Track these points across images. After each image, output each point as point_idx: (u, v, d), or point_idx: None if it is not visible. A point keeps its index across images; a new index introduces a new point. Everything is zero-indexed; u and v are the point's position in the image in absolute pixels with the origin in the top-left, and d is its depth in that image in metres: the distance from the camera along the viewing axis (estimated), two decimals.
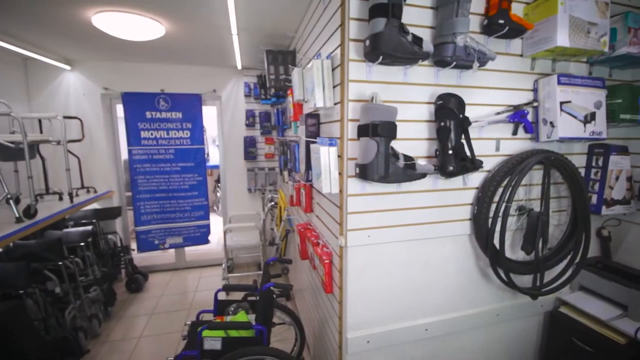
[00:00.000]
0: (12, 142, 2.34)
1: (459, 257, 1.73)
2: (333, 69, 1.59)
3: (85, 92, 3.57)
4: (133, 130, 3.68)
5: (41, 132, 3.26)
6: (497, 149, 1.69)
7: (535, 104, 1.68)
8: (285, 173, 3.26)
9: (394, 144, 1.38)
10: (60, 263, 2.49)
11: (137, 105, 3.65)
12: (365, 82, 1.42)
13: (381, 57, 1.30)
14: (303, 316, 2.63)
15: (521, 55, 1.65)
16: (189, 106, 3.83)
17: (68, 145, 2.97)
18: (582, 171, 1.87)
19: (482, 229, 1.62)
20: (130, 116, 3.64)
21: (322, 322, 2.04)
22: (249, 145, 4.10)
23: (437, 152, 1.52)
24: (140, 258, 4.07)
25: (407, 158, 1.39)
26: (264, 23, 2.47)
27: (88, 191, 3.38)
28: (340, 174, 1.53)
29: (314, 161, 1.70)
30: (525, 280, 1.79)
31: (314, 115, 1.92)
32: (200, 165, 3.97)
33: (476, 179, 1.67)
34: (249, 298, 2.28)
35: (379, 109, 1.30)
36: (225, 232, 3.78)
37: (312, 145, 1.72)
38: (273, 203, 4.03)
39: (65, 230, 3.00)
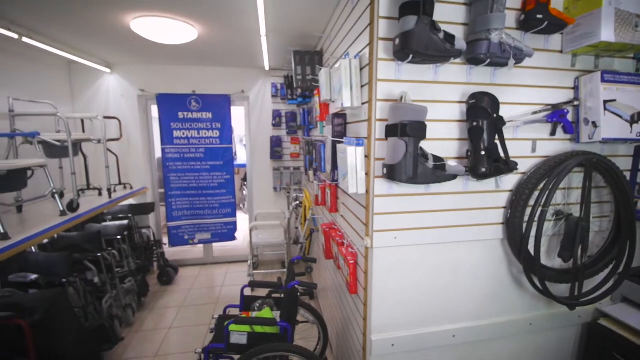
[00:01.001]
0: (58, 141, 2.52)
1: (490, 263, 1.67)
2: (361, 69, 1.58)
3: (123, 94, 3.77)
4: (166, 130, 3.84)
5: (83, 131, 3.48)
6: (534, 150, 1.61)
7: (575, 103, 1.59)
8: (311, 172, 3.28)
9: (423, 144, 1.35)
10: (99, 254, 2.66)
11: (171, 105, 3.82)
12: (394, 81, 1.41)
13: (411, 56, 1.28)
14: (326, 315, 2.64)
15: (561, 52, 1.57)
16: (219, 106, 3.95)
17: (107, 144, 3.16)
18: (627, 175, 1.74)
19: (515, 234, 1.55)
20: (164, 116, 3.81)
21: (346, 322, 2.03)
22: (275, 144, 4.16)
23: (469, 153, 1.47)
24: (171, 252, 4.24)
25: (437, 159, 1.36)
26: (292, 24, 2.50)
27: (124, 187, 3.57)
28: (367, 174, 1.52)
29: (340, 161, 1.70)
30: (561, 290, 1.69)
31: (341, 115, 1.92)
32: (229, 164, 4.08)
33: (510, 181, 1.60)
34: (273, 295, 2.31)
35: (408, 109, 1.28)
36: (251, 230, 3.87)
37: (338, 145, 1.72)
38: (298, 202, 4.07)
39: (104, 223, 3.19)
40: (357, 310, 1.74)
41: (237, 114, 4.34)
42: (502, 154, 1.44)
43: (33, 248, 2.47)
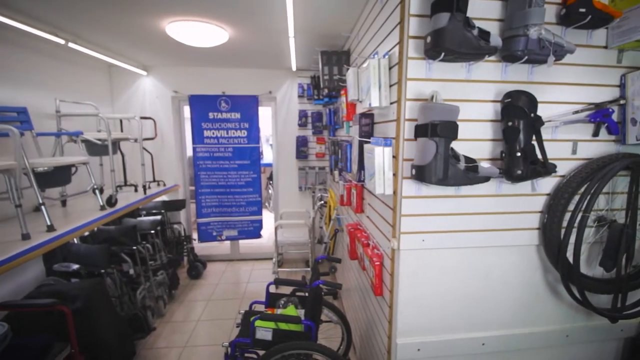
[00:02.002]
0: (99, 140, 2.68)
1: (524, 269, 1.59)
2: (390, 68, 1.56)
3: (158, 95, 3.95)
4: (197, 130, 3.99)
5: (122, 130, 3.68)
6: (574, 151, 1.53)
7: (622, 102, 1.48)
8: (336, 172, 3.27)
9: (454, 144, 1.32)
10: (135, 248, 2.80)
11: (202, 106, 3.95)
12: (424, 80, 1.38)
13: (443, 54, 1.24)
14: (349, 316, 2.63)
15: (605, 47, 1.47)
16: (247, 107, 4.04)
17: (143, 143, 3.32)
18: None
19: (553, 240, 1.47)
20: (195, 116, 3.96)
21: (370, 324, 2.02)
22: (301, 144, 4.20)
23: (503, 154, 1.41)
24: (200, 247, 4.39)
25: (469, 160, 1.32)
26: (320, 25, 2.51)
27: (158, 184, 3.74)
28: (394, 174, 1.50)
29: (367, 161, 1.69)
30: (602, 300, 1.59)
31: (368, 115, 1.91)
32: (256, 163, 4.17)
33: (547, 184, 1.52)
34: (298, 293, 2.33)
35: (439, 108, 1.25)
36: (276, 228, 3.93)
37: (365, 145, 1.71)
38: (322, 202, 4.08)
39: (139, 218, 3.35)
40: (382, 313, 1.72)
41: (264, 114, 4.42)
42: (539, 156, 1.37)
43: (75, 240, 2.65)
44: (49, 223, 1.98)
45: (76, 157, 2.34)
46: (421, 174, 1.28)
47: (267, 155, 6.71)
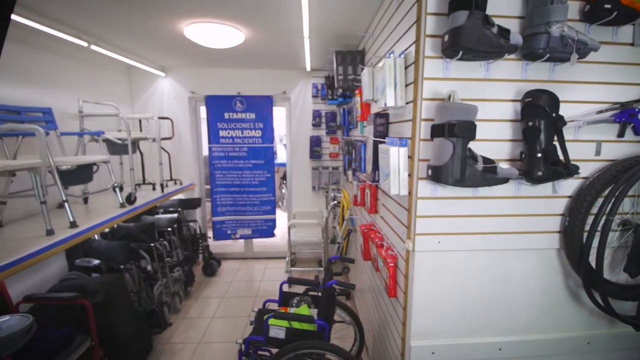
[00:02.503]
0: (119, 139, 2.76)
1: (544, 273, 1.55)
2: (406, 67, 1.54)
3: (175, 96, 4.04)
4: (213, 130, 4.05)
5: (141, 130, 3.78)
6: (598, 152, 1.47)
7: None
8: (349, 172, 3.26)
9: (472, 145, 1.29)
10: (152, 244, 2.87)
11: (217, 106, 4.01)
12: (441, 79, 1.36)
13: (461, 53, 1.22)
14: (362, 317, 2.62)
15: (632, 44, 1.41)
16: (261, 107, 4.08)
17: (161, 143, 3.40)
18: None
19: (574, 244, 1.43)
20: (211, 116, 4.02)
21: (383, 326, 2.00)
22: (315, 144, 4.21)
23: (523, 155, 1.38)
24: (215, 245, 4.46)
25: (487, 160, 1.29)
26: (334, 24, 2.51)
27: (175, 183, 3.82)
28: (409, 175, 1.48)
29: (381, 161, 1.68)
30: (626, 307, 1.53)
31: (383, 115, 1.90)
32: (270, 162, 4.20)
33: (569, 186, 1.48)
34: (310, 293, 2.34)
35: (456, 108, 1.23)
36: (289, 228, 3.95)
37: (380, 145, 1.70)
38: (336, 202, 4.07)
39: (156, 216, 3.43)
40: (396, 314, 1.71)
41: (278, 114, 4.45)
42: (561, 157, 1.33)
43: (96, 236, 2.74)
44: (71, 219, 2.05)
45: (98, 156, 2.41)
46: (437, 175, 1.26)
47: (281, 155, 6.76)
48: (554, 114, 1.30)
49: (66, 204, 2.05)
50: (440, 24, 1.33)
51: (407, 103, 1.53)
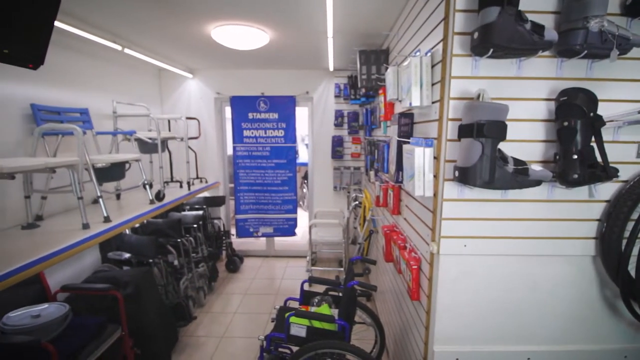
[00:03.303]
0: (149, 138, 2.87)
1: (578, 282, 1.47)
2: (432, 66, 1.51)
3: (202, 97, 4.16)
4: (237, 129, 4.15)
5: (169, 130, 3.92)
6: (639, 154, 1.38)
7: None
8: (372, 173, 3.24)
9: (502, 146, 1.25)
10: (179, 240, 2.97)
11: (242, 107, 4.10)
12: (470, 78, 1.32)
13: (492, 50, 1.18)
14: (383, 319, 2.59)
15: None
16: (284, 107, 4.13)
17: (188, 142, 3.51)
18: None
19: (612, 252, 1.35)
20: (235, 117, 4.12)
21: (405, 329, 1.97)
22: (337, 144, 4.20)
23: (557, 157, 1.31)
24: (237, 242, 4.55)
25: (518, 162, 1.24)
26: (359, 24, 2.50)
27: (201, 181, 3.94)
28: (435, 176, 1.45)
29: (406, 162, 1.65)
30: None
31: (408, 115, 1.87)
32: (292, 162, 4.25)
33: (607, 190, 1.39)
34: (330, 292, 2.34)
35: (486, 107, 1.19)
36: (310, 227, 3.97)
37: (404, 146, 1.68)
38: (357, 202, 4.05)
39: (183, 212, 3.55)
40: (419, 318, 1.68)
41: (300, 114, 4.48)
42: (599, 159, 1.26)
43: (127, 230, 2.86)
44: (105, 214, 2.16)
45: (130, 154, 2.53)
46: (465, 176, 1.23)
47: (302, 155, 6.80)
48: (591, 114, 1.24)
49: (100, 200, 2.16)
50: (470, 21, 1.29)
51: (433, 102, 1.50)
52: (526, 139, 1.36)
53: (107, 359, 2.13)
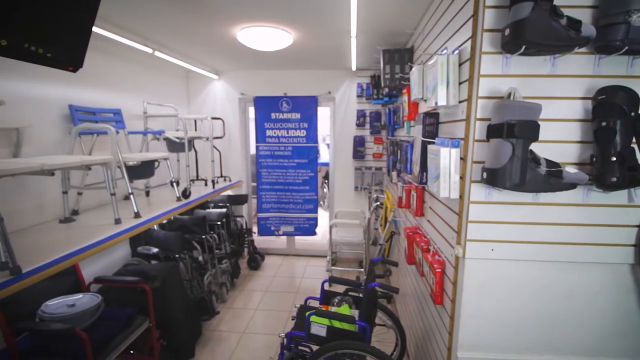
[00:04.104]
0: (177, 138, 2.97)
1: (615, 291, 1.39)
2: (460, 64, 1.47)
3: (227, 97, 4.26)
4: (260, 129, 4.21)
5: (195, 130, 4.04)
6: None
7: None
8: (394, 173, 3.19)
9: (533, 147, 1.20)
10: (204, 237, 3.06)
11: (265, 107, 4.16)
12: (499, 76, 1.27)
13: (524, 47, 1.14)
14: (404, 321, 2.55)
15: None
16: (306, 107, 4.15)
17: (213, 141, 3.60)
18: None
19: None
20: (259, 117, 4.18)
21: (427, 333, 1.93)
22: (358, 144, 4.18)
23: (594, 159, 1.24)
24: (259, 240, 4.63)
25: (551, 164, 1.19)
26: (382, 23, 2.47)
27: (224, 180, 4.03)
28: (461, 177, 1.41)
29: (430, 163, 1.62)
30: None
31: (433, 115, 1.83)
32: (313, 162, 4.26)
33: None
34: (350, 293, 2.33)
35: (517, 107, 1.15)
36: (331, 227, 3.97)
37: (429, 146, 1.64)
38: (379, 203, 4.01)
39: (208, 210, 3.65)
40: (442, 323, 1.64)
41: (322, 114, 4.49)
42: None
43: (155, 226, 2.98)
44: (136, 210, 2.26)
45: (159, 153, 2.63)
46: (493, 178, 1.19)
47: (323, 155, 6.81)
48: (632, 113, 1.16)
49: (132, 196, 2.25)
50: (500, 17, 1.25)
51: (460, 102, 1.46)
52: (560, 140, 1.29)
53: (135, 349, 2.23)
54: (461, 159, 1.41)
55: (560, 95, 1.28)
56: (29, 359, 1.72)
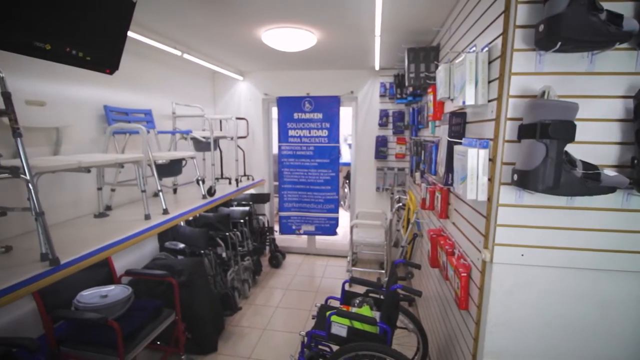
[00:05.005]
0: (203, 137, 3.06)
1: None
2: (489, 62, 1.43)
3: (251, 98, 4.34)
4: (283, 129, 4.26)
5: (221, 130, 4.14)
6: None
7: None
8: (417, 174, 3.14)
9: (569, 148, 1.14)
10: (227, 234, 3.13)
11: (288, 107, 4.21)
12: (532, 74, 1.22)
13: (559, 44, 1.08)
14: (426, 326, 2.50)
15: None
16: (329, 107, 4.15)
17: (237, 141, 3.68)
18: None
19: None
20: (281, 117, 4.23)
21: (450, 338, 1.89)
22: (380, 144, 4.13)
23: (635, 161, 1.17)
24: (280, 239, 4.68)
25: (588, 166, 1.13)
26: (408, 21, 2.43)
27: (248, 178, 4.11)
28: (490, 179, 1.37)
29: (457, 163, 1.58)
30: None
31: (460, 114, 1.78)
32: (335, 162, 4.26)
33: None
34: (371, 294, 2.31)
35: (551, 106, 1.09)
36: (352, 227, 3.95)
37: (456, 147, 1.60)
38: (401, 204, 3.95)
39: (231, 208, 3.74)
40: (467, 329, 1.59)
41: (343, 113, 4.48)
42: None
43: (182, 222, 3.08)
44: (164, 207, 2.35)
45: (186, 152, 2.72)
46: (525, 180, 1.14)
47: (345, 155, 6.79)
48: None
49: (160, 193, 2.34)
50: (533, 12, 1.20)
51: (489, 101, 1.42)
52: (598, 141, 1.22)
53: (161, 340, 2.32)
54: (490, 160, 1.37)
55: (598, 93, 1.21)
56: (65, 345, 1.83)
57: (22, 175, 1.43)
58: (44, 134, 2.08)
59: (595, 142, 1.22)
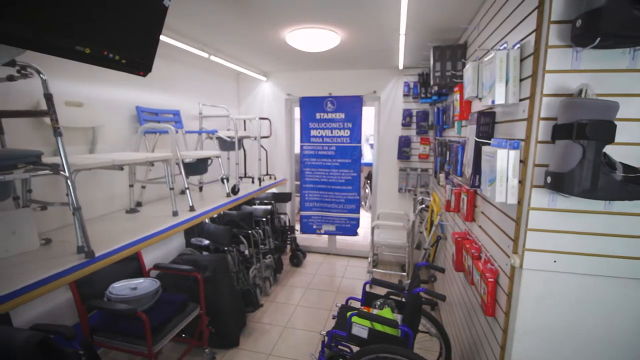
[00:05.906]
0: (228, 137, 3.13)
1: None
2: (521, 60, 1.37)
3: (274, 98, 4.40)
4: (305, 129, 4.29)
5: (245, 129, 4.23)
6: None
7: None
8: (442, 175, 3.06)
9: (608, 149, 1.08)
10: (250, 232, 3.19)
11: (310, 107, 4.23)
12: (568, 72, 1.17)
13: (599, 39, 1.03)
14: (449, 331, 2.43)
15: None
16: (351, 107, 4.14)
17: (260, 141, 3.74)
18: None
19: None
20: (304, 117, 4.26)
21: (475, 345, 1.83)
22: (403, 145, 4.07)
23: None
24: (301, 238, 4.70)
25: (630, 169, 1.06)
26: (434, 19, 2.38)
27: (270, 178, 4.17)
28: (520, 182, 1.31)
29: (485, 165, 1.53)
30: None
31: (488, 114, 1.72)
32: (356, 162, 4.24)
33: None
34: (392, 297, 2.28)
35: (589, 105, 1.04)
36: (373, 228, 3.91)
37: (484, 147, 1.55)
38: (424, 206, 3.87)
39: (254, 206, 3.80)
40: (493, 336, 1.54)
41: (365, 113, 4.44)
42: None
43: (207, 219, 3.17)
44: (191, 204, 2.42)
45: (212, 151, 2.79)
46: (559, 183, 1.09)
47: (366, 155, 6.74)
48: None
49: (187, 191, 2.42)
50: (569, 7, 1.14)
51: (520, 100, 1.36)
52: (638, 142, 1.15)
53: (186, 333, 2.39)
54: (521, 161, 1.32)
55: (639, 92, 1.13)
56: (98, 334, 1.92)
57: (61, 172, 1.52)
58: (81, 133, 2.21)
59: (637, 144, 1.15)
